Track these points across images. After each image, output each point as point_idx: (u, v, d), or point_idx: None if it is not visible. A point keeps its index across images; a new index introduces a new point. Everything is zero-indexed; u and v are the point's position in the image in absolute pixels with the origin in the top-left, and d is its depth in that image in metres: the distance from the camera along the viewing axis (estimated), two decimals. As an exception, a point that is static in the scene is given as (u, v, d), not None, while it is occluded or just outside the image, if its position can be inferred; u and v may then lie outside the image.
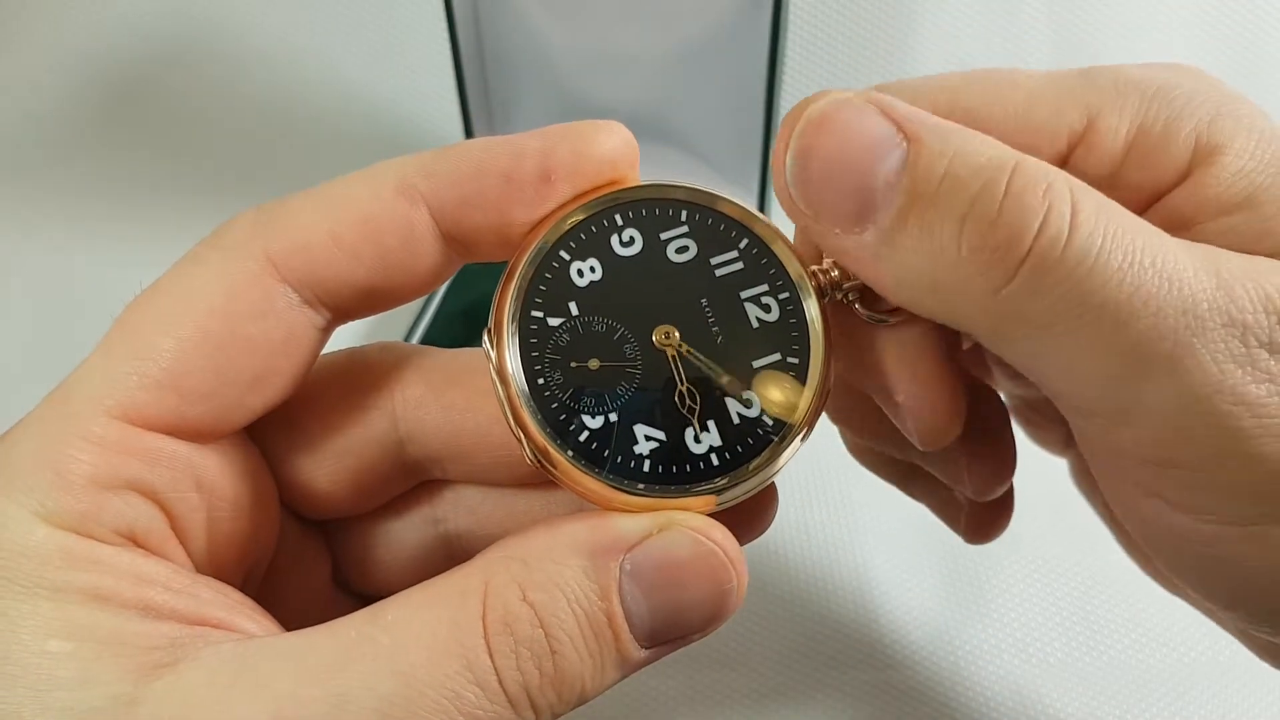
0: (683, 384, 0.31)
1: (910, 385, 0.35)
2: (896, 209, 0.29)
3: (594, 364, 0.31)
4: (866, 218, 0.29)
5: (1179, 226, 0.31)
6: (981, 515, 0.44)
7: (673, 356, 0.31)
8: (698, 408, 0.31)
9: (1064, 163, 0.33)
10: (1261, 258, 0.29)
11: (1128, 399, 0.28)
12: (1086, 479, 0.45)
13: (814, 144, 0.30)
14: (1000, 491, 0.41)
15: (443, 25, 0.75)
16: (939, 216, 0.28)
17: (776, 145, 0.31)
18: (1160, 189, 0.33)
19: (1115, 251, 0.27)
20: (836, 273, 0.33)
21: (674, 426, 0.31)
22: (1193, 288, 0.27)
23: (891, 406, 0.36)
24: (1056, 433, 0.45)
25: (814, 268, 0.33)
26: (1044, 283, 0.27)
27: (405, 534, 0.39)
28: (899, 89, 0.34)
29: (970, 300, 0.29)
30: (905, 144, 0.29)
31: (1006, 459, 0.41)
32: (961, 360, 0.40)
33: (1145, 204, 0.33)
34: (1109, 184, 0.32)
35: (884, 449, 0.43)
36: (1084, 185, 0.28)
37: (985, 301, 0.28)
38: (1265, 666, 0.39)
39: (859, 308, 0.34)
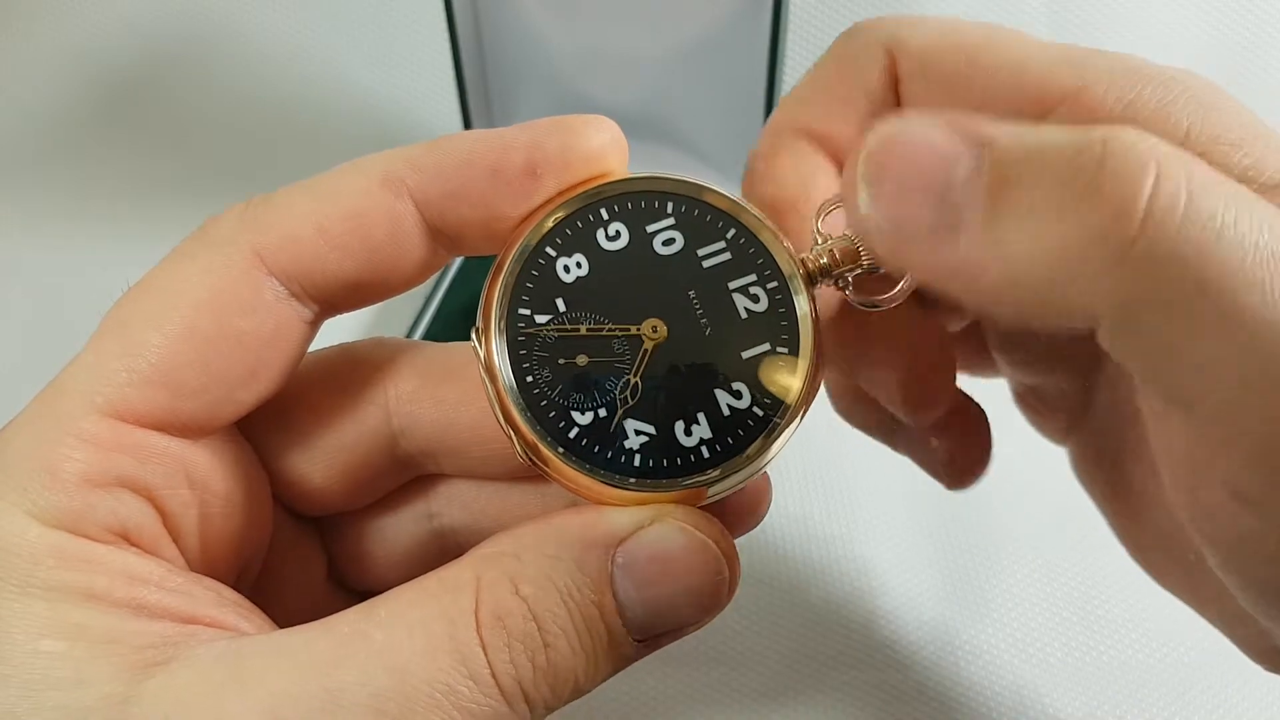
0: (672, 377, 0.31)
1: (903, 365, 0.35)
2: (984, 202, 0.27)
3: (582, 360, 0.31)
4: (955, 224, 0.27)
5: None
6: (959, 461, 0.44)
7: (662, 350, 0.31)
8: (687, 400, 0.31)
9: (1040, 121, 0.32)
10: None
11: (1254, 379, 0.25)
12: (1087, 468, 0.44)
13: (883, 166, 0.28)
14: (976, 481, 0.41)
15: (443, 25, 0.75)
16: (1031, 199, 0.26)
17: (843, 182, 0.29)
18: None
19: (1240, 218, 0.25)
20: (826, 260, 0.33)
21: (663, 420, 0.31)
22: None
23: (880, 386, 0.36)
24: (1059, 420, 0.45)
25: (803, 256, 0.33)
26: (1165, 254, 0.25)
27: (399, 529, 0.39)
28: (911, 20, 0.34)
29: (1086, 284, 0.26)
30: (978, 147, 0.27)
31: (982, 448, 0.41)
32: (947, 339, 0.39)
33: None
34: None
35: (868, 413, 0.43)
36: (1187, 153, 0.26)
37: (1103, 282, 0.25)
38: (1265, 666, 0.39)
39: (850, 294, 0.34)
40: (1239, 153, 0.30)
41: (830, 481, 0.67)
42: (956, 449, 0.43)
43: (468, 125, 0.82)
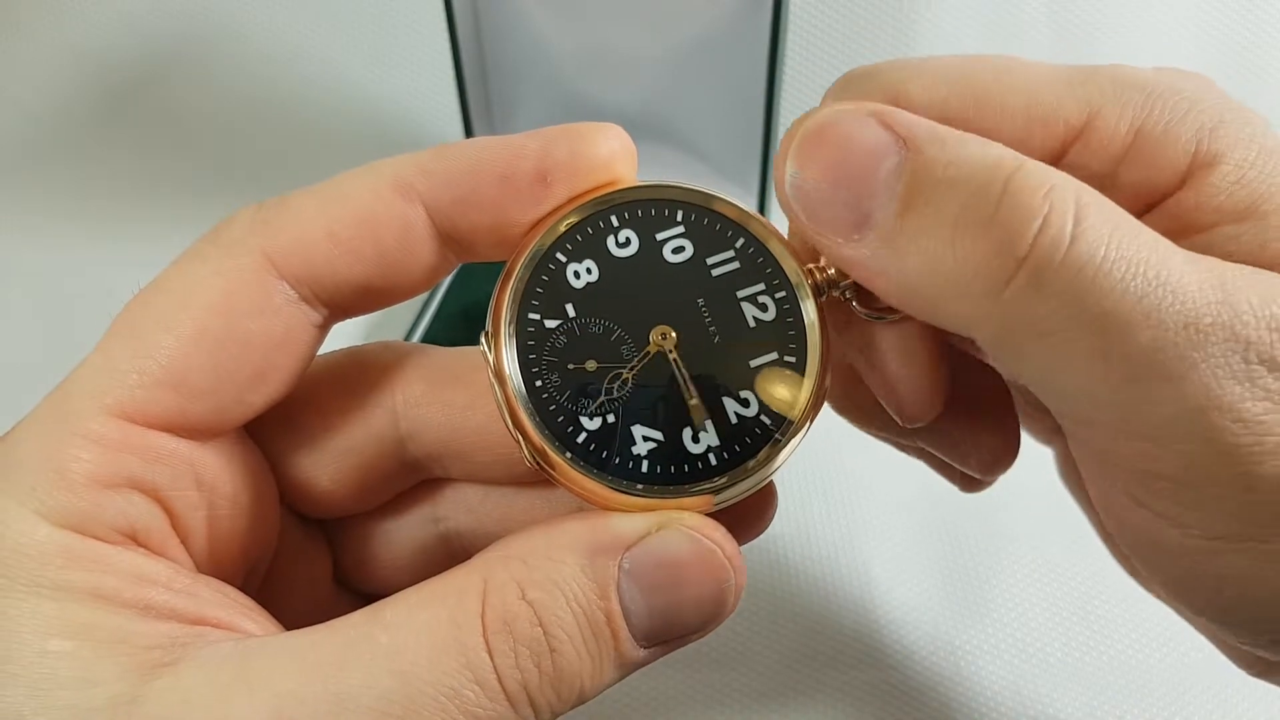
0: (680, 385, 0.31)
1: (901, 369, 0.35)
2: (893, 213, 0.29)
3: (591, 365, 0.31)
4: (864, 225, 0.29)
5: (1179, 233, 0.31)
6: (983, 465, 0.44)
7: (670, 357, 0.31)
8: (695, 408, 0.31)
9: (1059, 158, 0.33)
10: (1266, 272, 0.29)
11: (1125, 410, 0.28)
12: (1072, 471, 0.44)
13: (812, 155, 0.30)
14: (1005, 470, 0.40)
15: (443, 25, 0.75)
16: (934, 218, 0.28)
17: (776, 158, 0.31)
18: (1158, 192, 0.32)
19: (1120, 260, 0.26)
20: (834, 271, 0.33)
21: (671, 427, 0.31)
22: (1196, 301, 0.27)
23: (877, 386, 0.36)
24: (1044, 421, 0.45)
25: (811, 266, 0.33)
26: (1044, 288, 0.27)
27: (406, 532, 0.39)
28: (912, 66, 0.34)
29: (970, 304, 0.28)
30: (903, 151, 0.29)
31: (1010, 437, 0.40)
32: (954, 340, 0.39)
33: (1143, 206, 0.33)
34: (1106, 183, 0.32)
35: (884, 435, 0.43)
36: (1091, 190, 0.28)
37: (985, 306, 0.28)
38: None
39: (856, 305, 0.34)
40: (1237, 173, 0.31)
41: (830, 483, 0.67)
42: (984, 459, 0.43)
43: (468, 125, 0.82)
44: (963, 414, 0.38)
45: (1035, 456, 0.46)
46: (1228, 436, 0.27)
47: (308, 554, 0.38)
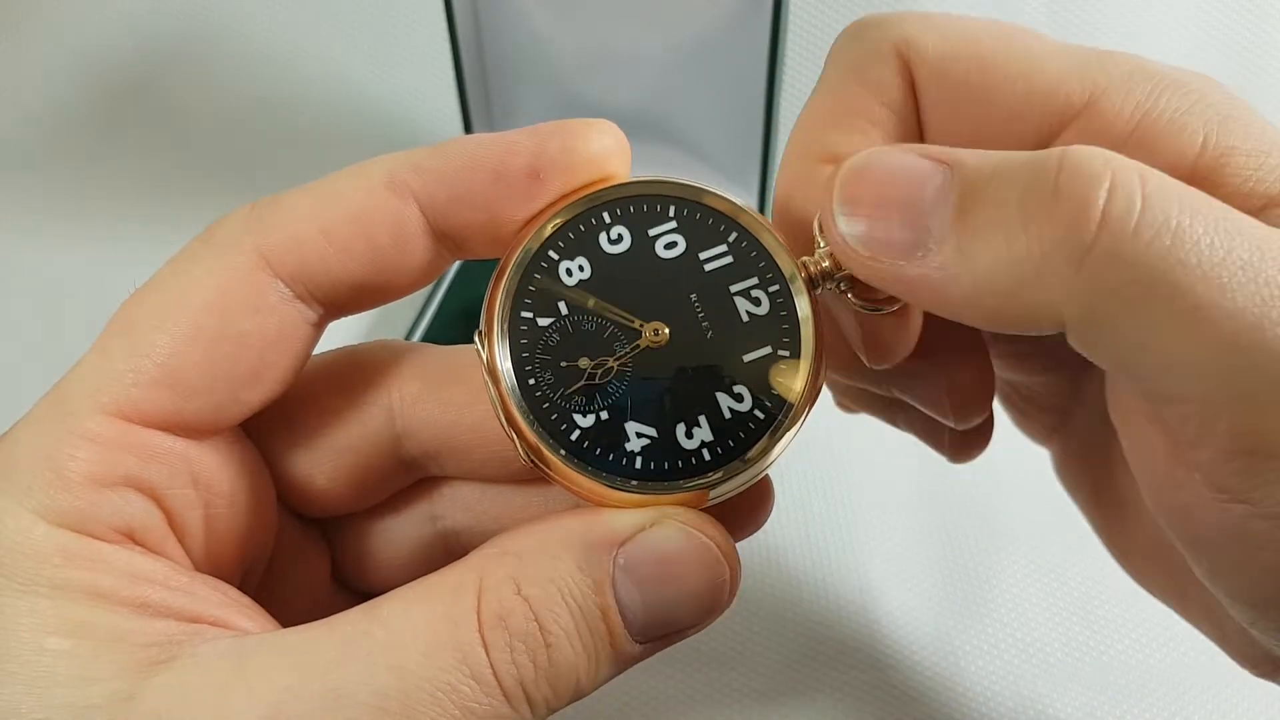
0: (673, 380, 0.31)
1: (933, 364, 0.35)
2: (951, 221, 0.28)
3: (584, 363, 0.31)
4: (925, 241, 0.29)
5: None
6: (964, 435, 0.43)
7: (663, 352, 0.31)
8: (689, 403, 0.31)
9: (1055, 134, 0.33)
10: None
11: (1231, 376, 0.26)
12: (1070, 471, 0.44)
13: (857, 190, 0.30)
14: (981, 418, 0.40)
15: (443, 25, 0.75)
16: (997, 211, 0.28)
17: (821, 212, 0.31)
18: None
19: (1198, 218, 0.26)
20: (828, 263, 0.32)
21: (665, 423, 0.31)
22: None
23: (921, 394, 0.36)
24: (1043, 421, 0.45)
25: (804, 259, 0.33)
26: (1127, 252, 0.26)
27: (403, 531, 0.39)
28: (921, 20, 0.34)
29: (1053, 285, 0.27)
30: (945, 169, 0.29)
31: (985, 382, 0.40)
32: None
33: None
34: None
35: (861, 383, 0.42)
36: (1143, 165, 0.27)
37: (1069, 282, 0.27)
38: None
39: (851, 297, 0.34)
40: (1254, 163, 0.30)
41: (830, 482, 0.67)
42: (959, 405, 0.42)
43: (468, 125, 0.82)
44: (931, 353, 0.38)
45: (1035, 457, 0.47)
46: None
47: (305, 553, 0.38)
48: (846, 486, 0.67)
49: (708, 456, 0.31)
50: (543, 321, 0.32)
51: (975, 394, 0.39)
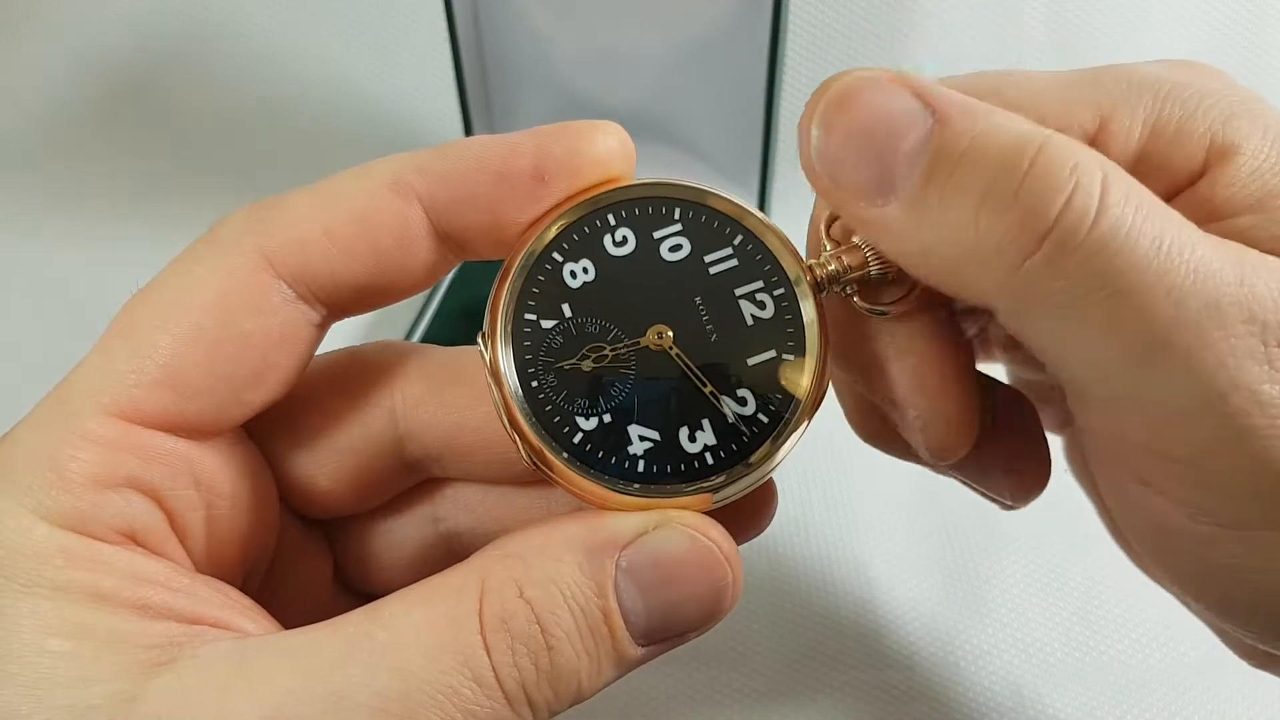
0: (677, 383, 0.31)
1: (918, 397, 0.35)
2: (917, 182, 0.28)
3: (587, 365, 0.31)
4: (888, 190, 0.29)
5: (1194, 223, 0.31)
6: (1022, 485, 0.43)
7: (667, 356, 0.31)
8: (692, 407, 0.31)
9: None
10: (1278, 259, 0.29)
11: (1140, 386, 0.28)
12: (1079, 459, 0.44)
13: (839, 116, 0.29)
14: (1037, 496, 0.40)
15: (443, 25, 0.75)
16: (958, 191, 0.28)
17: (802, 117, 0.30)
18: (1174, 187, 0.32)
19: (1143, 236, 0.26)
20: (834, 266, 0.33)
21: (668, 426, 0.31)
22: (1217, 281, 0.27)
23: (902, 419, 0.36)
24: (1054, 414, 0.45)
25: (811, 262, 0.33)
26: (1066, 261, 0.27)
27: (405, 532, 0.39)
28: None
29: (989, 276, 0.28)
30: (931, 120, 0.29)
31: (1043, 464, 0.40)
32: (975, 364, 0.39)
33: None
34: None
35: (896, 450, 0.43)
36: (1116, 167, 0.28)
37: (1004, 278, 0.28)
38: (1264, 665, 0.39)
39: (857, 301, 0.34)
40: (1255, 162, 0.31)
41: (830, 483, 0.67)
42: (1018, 477, 0.42)
43: (468, 125, 0.82)
44: (991, 443, 0.38)
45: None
46: (1243, 418, 0.27)
47: (308, 554, 0.38)
48: (846, 486, 0.67)
49: (711, 460, 0.31)
50: (546, 324, 0.31)
51: (1035, 481, 0.40)
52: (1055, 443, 0.45)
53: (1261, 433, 0.27)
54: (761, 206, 0.82)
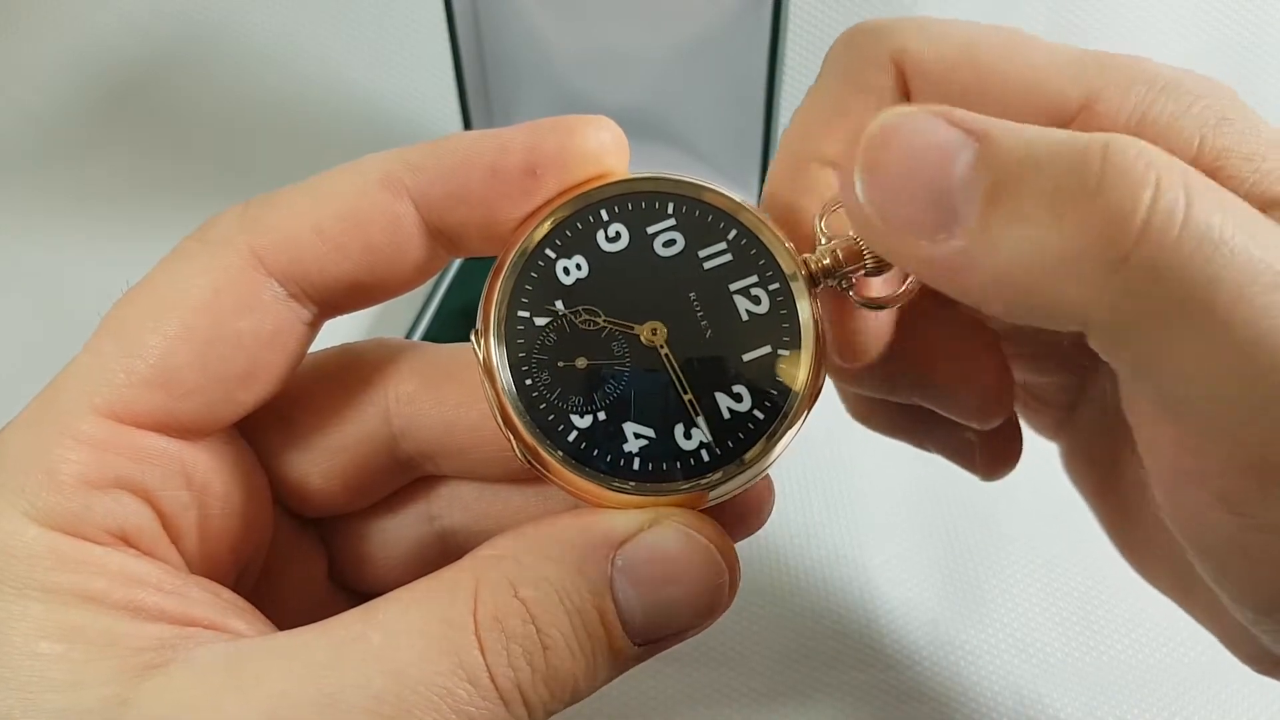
0: (672, 380, 0.31)
1: (952, 365, 0.34)
2: (980, 204, 0.27)
3: (581, 363, 0.31)
4: (949, 223, 0.27)
5: None
6: (995, 449, 0.43)
7: (661, 353, 0.31)
8: (687, 404, 0.31)
9: None
10: None
11: (1244, 399, 0.25)
12: (1078, 465, 0.44)
13: (880, 157, 0.28)
14: (1003, 418, 0.39)
15: (443, 25, 0.75)
16: (1029, 201, 0.26)
17: (843, 167, 0.29)
18: None
19: (1238, 231, 0.25)
20: (829, 260, 0.32)
21: (663, 423, 0.31)
22: None
23: (935, 395, 0.35)
24: (1051, 417, 0.44)
25: (805, 256, 0.32)
26: (1163, 262, 0.25)
27: (401, 531, 0.39)
28: (917, 25, 0.33)
29: (1082, 287, 0.26)
30: (974, 143, 0.27)
31: (1004, 381, 0.39)
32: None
33: None
34: None
35: (879, 391, 0.41)
36: (1185, 166, 0.26)
37: (1098, 286, 0.25)
38: (1265, 665, 0.38)
39: (853, 295, 0.33)
40: (1251, 166, 0.30)
41: (830, 483, 0.67)
42: (991, 442, 0.42)
43: (468, 125, 0.82)
44: (947, 354, 0.37)
45: (1034, 456, 0.46)
46: None
47: (302, 553, 0.38)
48: (846, 486, 0.67)
49: (706, 457, 0.31)
50: (539, 321, 0.31)
51: (995, 393, 0.38)
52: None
53: None
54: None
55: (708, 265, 0.32)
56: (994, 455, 0.43)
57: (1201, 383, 0.26)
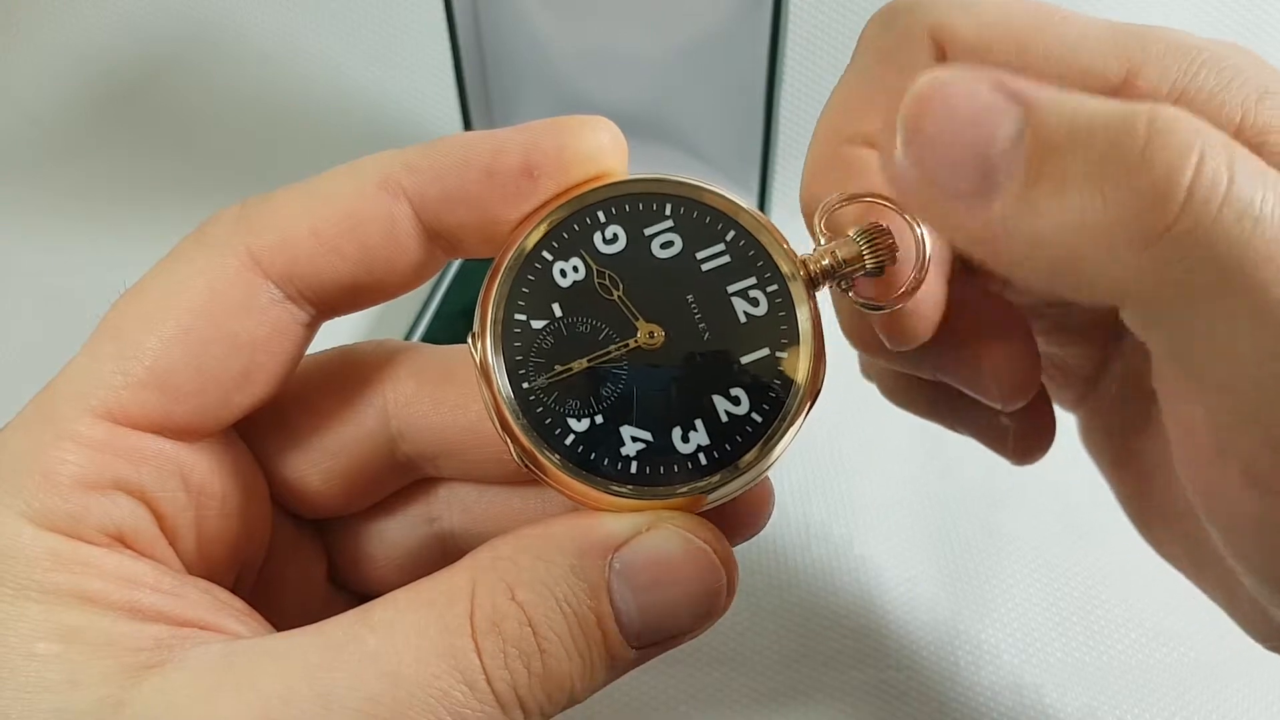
0: (669, 383, 0.31)
1: (975, 344, 0.34)
2: (1023, 170, 0.26)
3: (578, 366, 0.31)
4: (990, 189, 0.27)
5: None
6: (1027, 434, 0.42)
7: (659, 355, 0.31)
8: (685, 406, 0.31)
9: None
10: None
11: (1270, 378, 0.25)
12: (1096, 437, 0.44)
13: (923, 117, 0.27)
14: (1028, 396, 0.38)
15: (443, 25, 0.75)
16: (1074, 167, 0.25)
17: (884, 124, 0.28)
18: None
19: (1279, 211, 0.24)
20: (828, 261, 0.32)
21: (661, 426, 0.30)
22: None
23: (958, 374, 0.35)
24: (1072, 389, 0.44)
25: (804, 257, 0.32)
26: (1204, 237, 0.24)
27: (400, 532, 0.39)
28: (953, 2, 0.33)
29: (1121, 260, 0.25)
30: (1019, 109, 0.26)
31: (1029, 358, 0.38)
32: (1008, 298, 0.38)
33: None
34: None
35: (903, 366, 0.40)
36: (1228, 138, 0.25)
37: (1137, 260, 0.25)
38: (1265, 665, 0.38)
39: (853, 296, 0.33)
40: None
41: (830, 483, 0.67)
42: (1024, 425, 0.42)
43: (468, 125, 0.82)
44: (972, 332, 0.37)
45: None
46: None
47: (301, 554, 0.38)
48: (846, 486, 0.67)
49: (704, 460, 0.30)
50: (536, 324, 0.31)
51: (1020, 371, 0.38)
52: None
53: None
54: (761, 207, 0.82)
55: (706, 267, 0.32)
56: (1027, 439, 0.42)
57: (1236, 359, 0.25)
